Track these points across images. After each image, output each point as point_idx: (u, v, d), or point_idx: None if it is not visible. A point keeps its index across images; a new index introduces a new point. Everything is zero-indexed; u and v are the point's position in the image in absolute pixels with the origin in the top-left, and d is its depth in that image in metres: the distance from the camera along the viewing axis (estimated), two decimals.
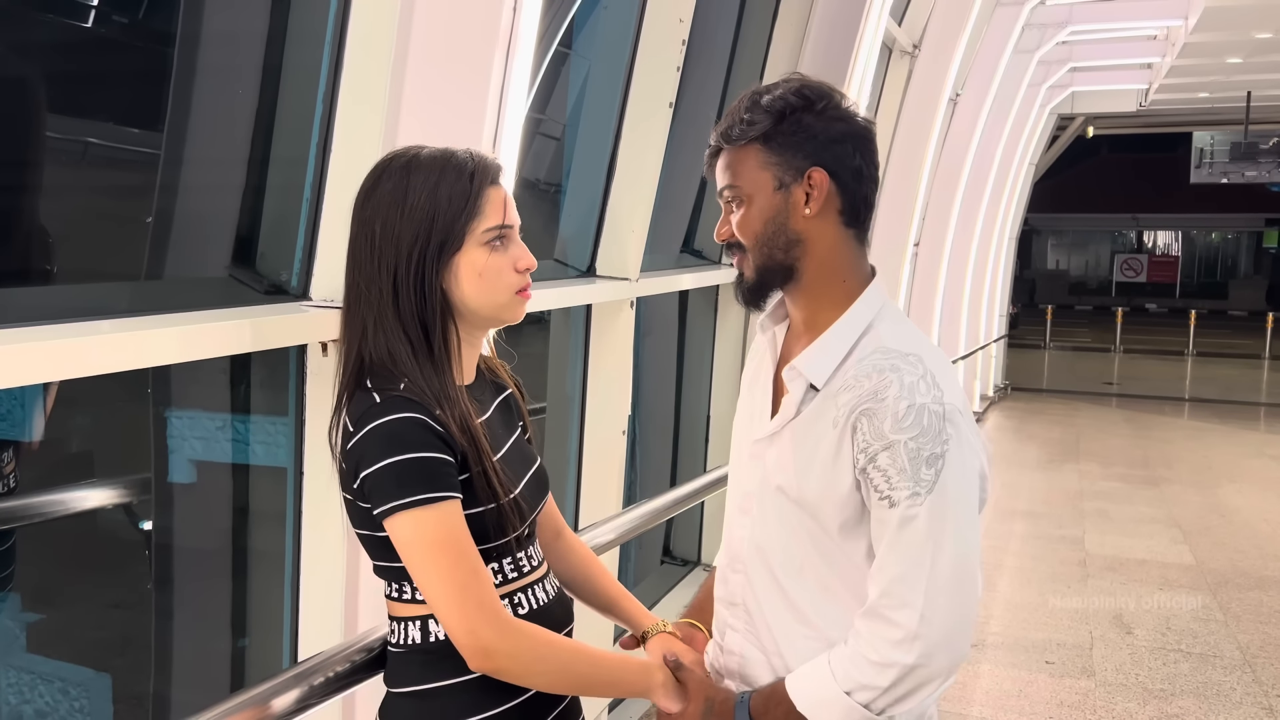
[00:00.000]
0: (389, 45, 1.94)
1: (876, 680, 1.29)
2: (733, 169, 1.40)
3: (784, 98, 1.37)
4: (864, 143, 1.40)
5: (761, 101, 1.37)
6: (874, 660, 1.30)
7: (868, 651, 1.30)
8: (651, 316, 4.54)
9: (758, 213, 1.39)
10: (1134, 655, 4.58)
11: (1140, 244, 33.65)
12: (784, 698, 1.36)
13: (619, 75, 3.29)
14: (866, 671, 1.30)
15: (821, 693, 1.33)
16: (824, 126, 1.37)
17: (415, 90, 1.94)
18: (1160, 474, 8.45)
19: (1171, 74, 10.71)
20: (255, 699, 1.42)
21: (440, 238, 1.35)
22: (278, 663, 2.17)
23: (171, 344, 1.70)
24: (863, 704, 1.30)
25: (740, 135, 1.38)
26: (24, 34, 2.29)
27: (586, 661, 1.40)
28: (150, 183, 2.13)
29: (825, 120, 1.37)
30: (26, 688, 2.43)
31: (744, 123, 1.38)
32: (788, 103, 1.37)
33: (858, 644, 1.32)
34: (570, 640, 1.43)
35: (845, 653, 1.33)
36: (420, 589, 1.34)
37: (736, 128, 1.38)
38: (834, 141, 1.37)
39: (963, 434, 1.32)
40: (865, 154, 1.40)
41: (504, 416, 1.51)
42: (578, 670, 1.38)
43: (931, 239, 8.00)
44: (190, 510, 2.25)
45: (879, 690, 1.30)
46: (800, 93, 1.37)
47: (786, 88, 1.38)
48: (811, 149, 1.37)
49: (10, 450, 2.34)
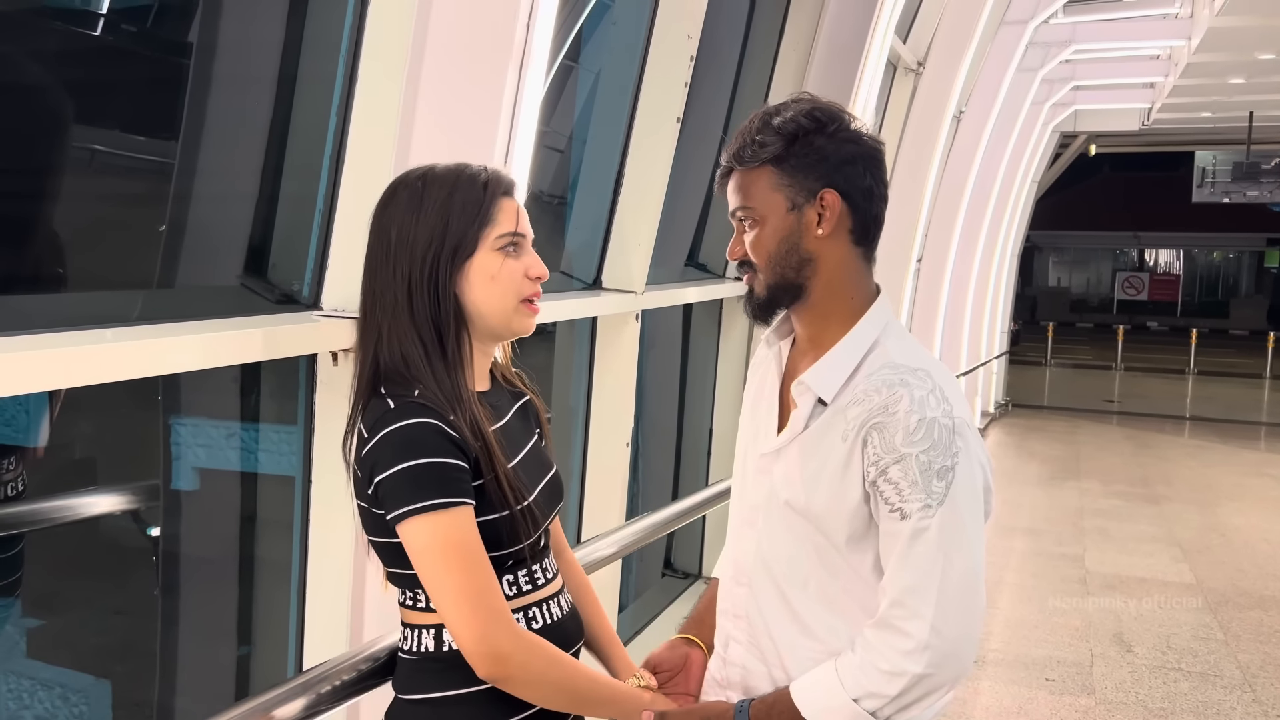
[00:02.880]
0: (403, 57, 1.96)
1: (886, 689, 1.31)
2: (745, 190, 1.42)
3: (796, 120, 1.38)
4: (874, 162, 1.42)
5: (773, 123, 1.39)
6: (884, 669, 1.31)
7: (878, 660, 1.32)
8: (655, 329, 4.55)
9: (771, 233, 1.41)
10: (1134, 673, 4.57)
11: (1142, 262, 33.69)
12: (788, 705, 1.37)
13: (627, 90, 3.31)
14: (876, 680, 1.31)
15: (829, 700, 1.34)
16: (835, 148, 1.39)
17: (428, 103, 1.95)
18: (1161, 492, 8.45)
19: (1174, 93, 10.75)
20: (260, 707, 1.42)
21: (454, 242, 1.38)
22: (282, 671, 2.17)
23: (184, 352, 1.71)
24: (870, 711, 1.32)
25: (752, 157, 1.40)
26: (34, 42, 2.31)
27: (586, 680, 1.41)
28: (164, 191, 2.15)
29: (836, 142, 1.39)
30: (26, 693, 2.43)
31: (756, 144, 1.39)
32: (800, 125, 1.38)
33: (867, 653, 1.33)
34: (569, 657, 1.43)
35: (854, 661, 1.34)
36: (430, 595, 1.35)
37: (749, 149, 1.40)
38: (845, 163, 1.39)
39: (971, 448, 1.34)
40: (875, 173, 1.42)
41: (522, 423, 1.52)
42: (578, 687, 1.40)
43: (934, 255, 8.03)
44: (198, 517, 2.26)
45: (887, 699, 1.31)
46: (812, 115, 1.39)
47: (798, 109, 1.39)
48: (823, 171, 1.38)
49: (16, 455, 2.34)
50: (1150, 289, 31.77)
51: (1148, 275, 32.46)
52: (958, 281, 9.01)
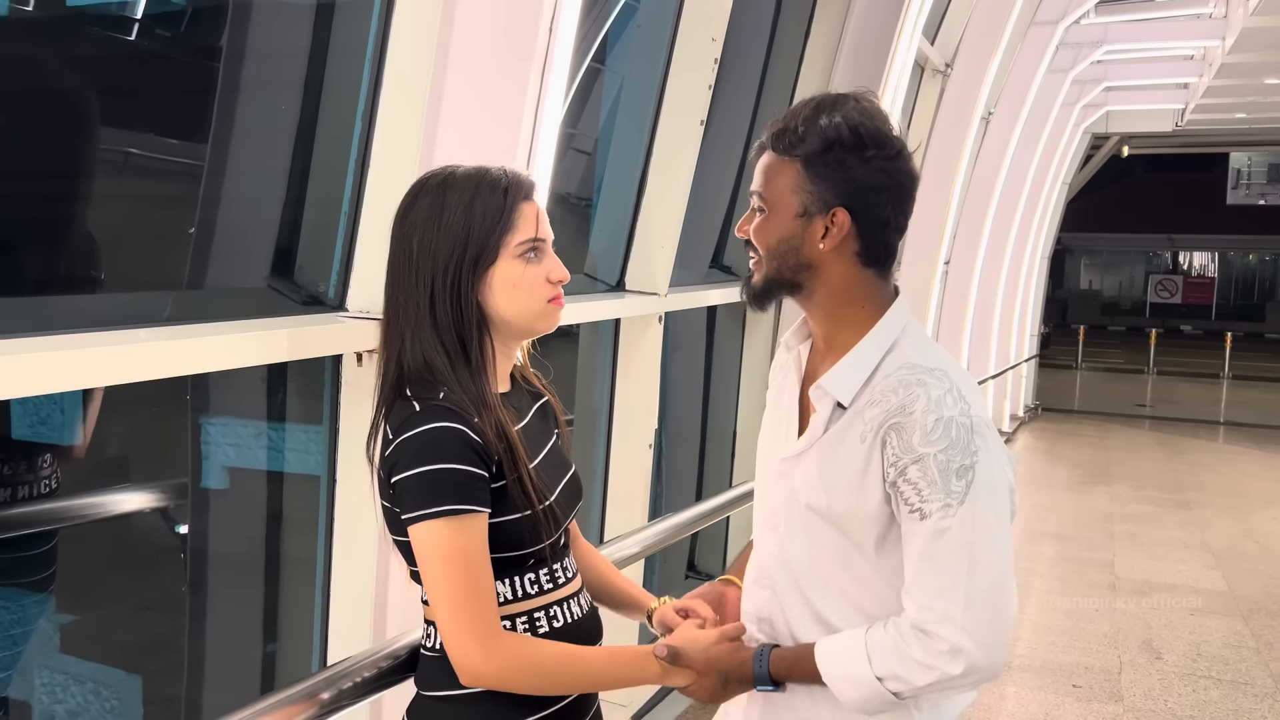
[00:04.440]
0: (427, 63, 1.98)
1: (915, 679, 1.32)
2: (768, 177, 1.42)
3: (839, 128, 1.36)
4: (900, 194, 1.40)
5: (819, 121, 1.37)
6: (919, 660, 1.32)
7: (915, 652, 1.32)
8: (680, 331, 4.56)
9: (774, 229, 1.41)
10: (1163, 681, 4.52)
11: (1175, 265, 33.24)
12: (810, 664, 1.38)
13: (651, 92, 3.32)
14: (910, 667, 1.32)
15: (851, 672, 1.35)
16: (864, 173, 1.37)
17: (452, 106, 1.98)
18: (1193, 498, 8.34)
19: (1208, 94, 10.61)
20: (282, 701, 1.45)
21: (475, 251, 1.39)
22: (308, 667, 2.20)
23: (213, 352, 1.74)
24: (893, 691, 1.34)
25: (788, 148, 1.39)
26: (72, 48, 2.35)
27: (576, 670, 1.41)
28: (193, 194, 2.18)
29: (868, 168, 1.37)
30: (60, 688, 2.47)
31: (797, 134, 1.38)
32: (840, 136, 1.36)
33: (902, 642, 1.33)
34: (560, 648, 1.42)
35: (888, 644, 1.34)
36: (428, 597, 1.38)
37: (789, 135, 1.39)
38: (869, 190, 1.37)
39: (990, 446, 1.34)
40: (898, 205, 1.40)
41: (541, 423, 1.54)
42: (567, 680, 1.41)
43: (962, 257, 7.97)
44: (225, 515, 2.29)
45: (914, 686, 1.33)
46: (856, 131, 1.36)
47: (845, 118, 1.37)
48: (844, 190, 1.37)
49: (51, 454, 2.39)
50: (1184, 292, 31.33)
51: (1181, 278, 32.02)
52: (986, 284, 8.95)
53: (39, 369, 1.45)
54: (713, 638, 1.44)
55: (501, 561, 1.39)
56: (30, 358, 1.44)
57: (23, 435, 2.28)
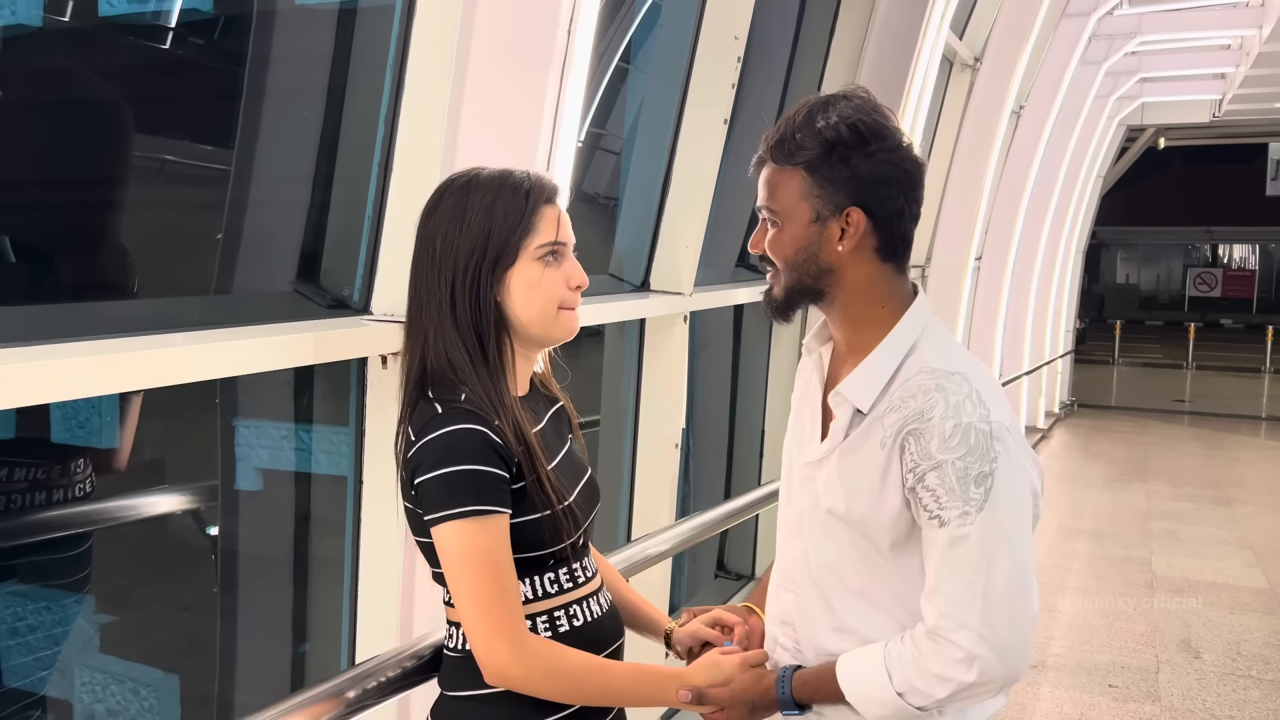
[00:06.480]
0: (448, 68, 2.00)
1: (934, 691, 1.32)
2: (773, 189, 1.41)
3: (838, 129, 1.35)
4: (909, 184, 1.38)
5: (816, 125, 1.36)
6: (935, 673, 1.32)
7: (930, 664, 1.32)
8: (707, 329, 4.55)
9: (790, 239, 1.40)
10: (1202, 681, 4.45)
11: (1215, 258, 32.70)
12: (832, 683, 1.38)
13: (675, 91, 3.32)
14: (928, 680, 1.32)
15: (874, 691, 1.35)
16: (871, 168, 1.35)
17: (473, 111, 1.99)
18: (1233, 494, 8.20)
19: (1246, 84, 10.41)
20: (308, 700, 1.46)
21: (495, 252, 1.40)
22: (336, 666, 2.22)
23: (241, 356, 1.76)
24: (915, 706, 1.34)
25: (788, 157, 1.38)
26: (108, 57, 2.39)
27: (598, 682, 1.42)
28: (220, 200, 2.21)
29: (874, 162, 1.35)
30: (99, 687, 2.51)
31: (795, 142, 1.37)
32: (840, 136, 1.35)
33: (918, 654, 1.33)
34: (586, 658, 1.43)
35: (905, 657, 1.34)
36: (452, 598, 1.39)
37: (787, 145, 1.38)
38: (879, 184, 1.36)
39: (1011, 451, 1.32)
40: (909, 195, 1.38)
41: (556, 427, 1.55)
42: (587, 690, 1.41)
43: (994, 253, 7.90)
44: (254, 516, 2.32)
45: (934, 699, 1.33)
46: (855, 127, 1.35)
47: (842, 116, 1.35)
48: (854, 188, 1.36)
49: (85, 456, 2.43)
50: (1224, 285, 30.82)
51: (1221, 271, 31.49)
52: (1019, 279, 8.85)
53: (77, 373, 1.48)
54: (735, 665, 1.45)
55: (523, 562, 1.40)
56: (69, 363, 1.47)
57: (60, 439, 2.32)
